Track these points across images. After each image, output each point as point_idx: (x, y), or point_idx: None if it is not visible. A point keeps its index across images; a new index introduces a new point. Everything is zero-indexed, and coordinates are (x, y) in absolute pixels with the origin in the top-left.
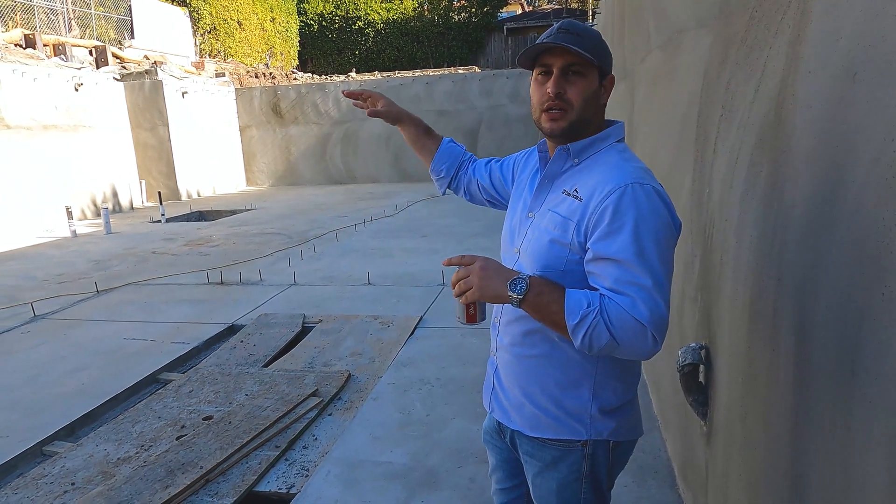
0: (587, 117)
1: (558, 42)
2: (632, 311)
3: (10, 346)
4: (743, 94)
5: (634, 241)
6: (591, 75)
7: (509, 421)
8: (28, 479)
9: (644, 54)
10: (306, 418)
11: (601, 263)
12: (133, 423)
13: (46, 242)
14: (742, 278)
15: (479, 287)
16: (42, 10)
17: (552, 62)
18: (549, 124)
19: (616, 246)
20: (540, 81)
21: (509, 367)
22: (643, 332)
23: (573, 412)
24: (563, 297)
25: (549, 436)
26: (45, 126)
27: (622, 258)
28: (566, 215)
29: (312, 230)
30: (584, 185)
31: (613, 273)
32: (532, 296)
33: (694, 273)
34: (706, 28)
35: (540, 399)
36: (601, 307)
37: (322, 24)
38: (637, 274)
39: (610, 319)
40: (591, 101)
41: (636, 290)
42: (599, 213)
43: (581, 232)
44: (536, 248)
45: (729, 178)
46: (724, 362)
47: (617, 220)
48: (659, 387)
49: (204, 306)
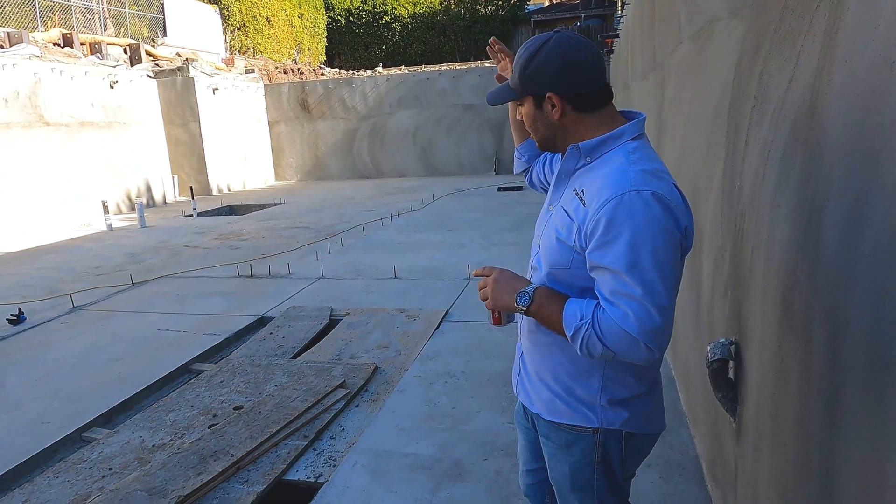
0: (546, 136)
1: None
2: (622, 323)
3: (50, 335)
4: (776, 84)
5: (629, 251)
6: (526, 103)
7: (531, 404)
8: (69, 464)
9: (675, 45)
10: (334, 409)
11: (598, 272)
12: (167, 412)
13: (84, 236)
14: (774, 273)
15: (493, 298)
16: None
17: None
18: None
19: (610, 256)
20: None
21: (529, 353)
22: (634, 343)
23: (584, 400)
24: (561, 309)
25: (563, 420)
26: (83, 123)
27: (616, 268)
28: (572, 216)
29: (340, 224)
30: (590, 186)
31: (609, 283)
32: (535, 308)
33: (724, 267)
34: (739, 17)
35: (552, 385)
36: (593, 320)
37: (349, 19)
38: (629, 285)
39: (602, 331)
40: (536, 122)
41: (627, 301)
42: (595, 222)
43: (581, 236)
44: (547, 244)
45: (761, 171)
46: (754, 358)
47: (612, 231)
48: (688, 382)
49: (234, 299)
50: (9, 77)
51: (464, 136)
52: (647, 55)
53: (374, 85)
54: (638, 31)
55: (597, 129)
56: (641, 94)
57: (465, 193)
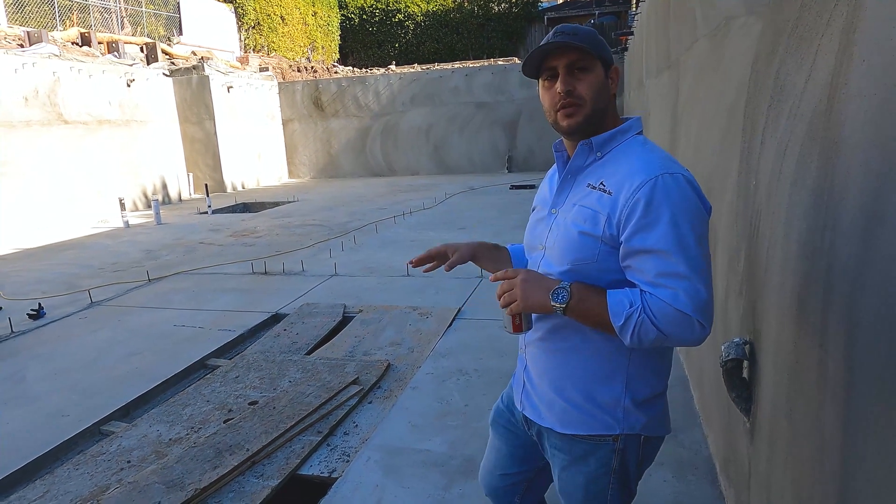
0: (601, 109)
1: (558, 41)
2: (674, 303)
3: (70, 330)
4: (793, 83)
5: (672, 230)
6: (595, 69)
7: (541, 418)
8: (88, 456)
9: (690, 43)
10: (347, 405)
11: (639, 257)
12: (183, 406)
13: (101, 232)
14: (790, 272)
15: (524, 299)
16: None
17: (556, 64)
18: (567, 121)
19: (654, 238)
20: (547, 86)
21: (538, 362)
22: (689, 321)
23: (605, 405)
24: (605, 301)
25: (581, 431)
26: (100, 121)
27: (661, 248)
28: (596, 208)
29: (353, 222)
30: (610, 178)
31: (653, 265)
32: (575, 303)
33: (739, 266)
34: (756, 15)
35: (571, 393)
36: (643, 304)
37: (362, 17)
38: (676, 264)
39: (654, 315)
40: (602, 92)
41: (676, 281)
42: (631, 206)
43: (613, 224)
44: (566, 241)
45: (777, 170)
46: (769, 358)
47: (652, 213)
48: (701, 382)
49: (249, 295)
50: (29, 75)
51: (476, 135)
52: (662, 53)
53: (387, 83)
54: (653, 28)
55: (614, 120)
56: (656, 92)
57: (478, 191)
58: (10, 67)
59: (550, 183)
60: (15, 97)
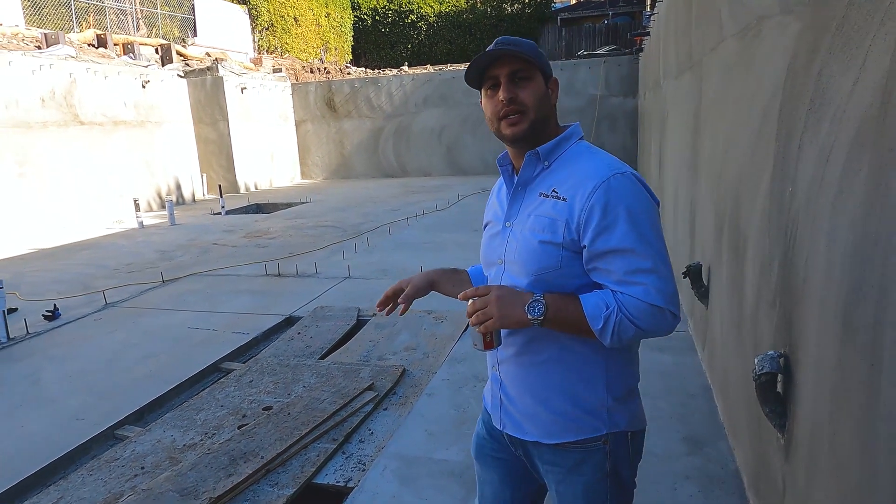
0: (543, 118)
1: (500, 49)
2: (646, 298)
3: (85, 331)
4: (837, 86)
5: (632, 228)
6: (536, 78)
7: (524, 433)
8: (101, 462)
9: (715, 43)
10: (362, 412)
11: (605, 258)
12: (197, 411)
13: (116, 233)
14: (835, 285)
15: (500, 316)
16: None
17: (498, 72)
18: (510, 130)
19: (616, 238)
20: (490, 95)
21: (517, 378)
22: (662, 314)
23: (591, 409)
24: (580, 307)
25: (570, 439)
26: (116, 122)
27: (625, 247)
28: (552, 216)
29: (366, 223)
30: (562, 184)
31: (619, 265)
32: (552, 314)
33: (772, 276)
34: (793, 14)
35: (556, 402)
36: (618, 304)
37: (375, 18)
38: (641, 260)
39: (630, 312)
40: (543, 101)
41: (644, 276)
42: (589, 209)
43: (572, 230)
44: (527, 252)
45: (819, 177)
46: (808, 374)
47: (610, 214)
48: (726, 392)
49: (262, 297)
50: (46, 77)
51: (489, 136)
52: (683, 53)
53: (399, 84)
54: (672, 28)
55: (556, 129)
56: (675, 93)
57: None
58: (28, 69)
59: (499, 197)
60: (32, 98)
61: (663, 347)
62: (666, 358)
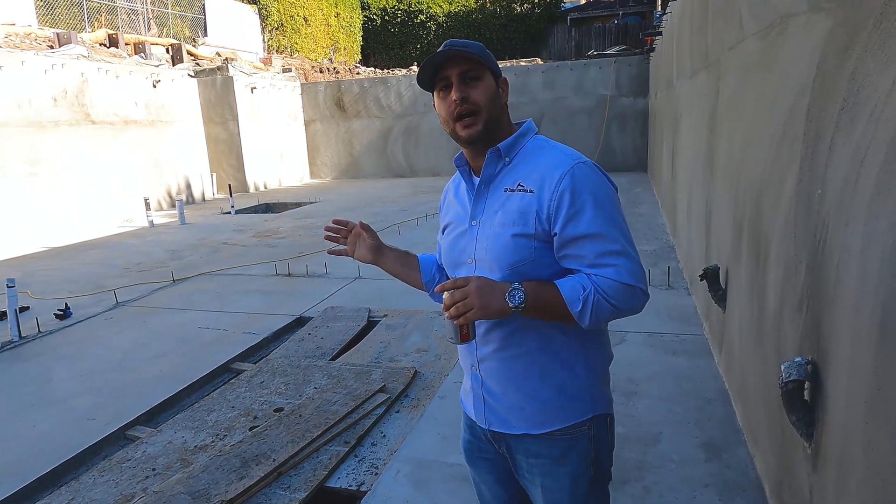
0: (495, 116)
1: (449, 51)
2: (619, 277)
3: (96, 331)
4: (874, 84)
5: (599, 213)
6: (486, 78)
7: (511, 427)
8: (113, 463)
9: (734, 42)
10: (374, 414)
11: (576, 244)
12: (208, 412)
13: (126, 232)
14: (871, 290)
15: (481, 306)
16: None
17: (449, 73)
18: (466, 131)
19: (585, 223)
20: (443, 96)
21: (500, 373)
22: (634, 291)
23: (576, 394)
24: (557, 291)
25: (557, 426)
26: (126, 121)
27: (594, 232)
28: (521, 209)
29: (375, 223)
30: (527, 178)
31: (590, 249)
32: (531, 301)
33: (798, 279)
34: (822, 12)
35: (541, 392)
36: (594, 286)
37: (385, 18)
38: (611, 242)
39: (605, 293)
40: (495, 100)
41: (615, 258)
42: (558, 198)
43: (542, 219)
44: (499, 247)
45: (852, 178)
46: (840, 382)
47: (577, 201)
48: (745, 397)
49: (273, 297)
50: (58, 76)
51: None
52: (698, 53)
53: (409, 84)
54: (686, 27)
55: (510, 127)
56: (689, 93)
57: None
58: (40, 68)
59: (458, 197)
60: (44, 98)
61: (677, 351)
62: (681, 361)
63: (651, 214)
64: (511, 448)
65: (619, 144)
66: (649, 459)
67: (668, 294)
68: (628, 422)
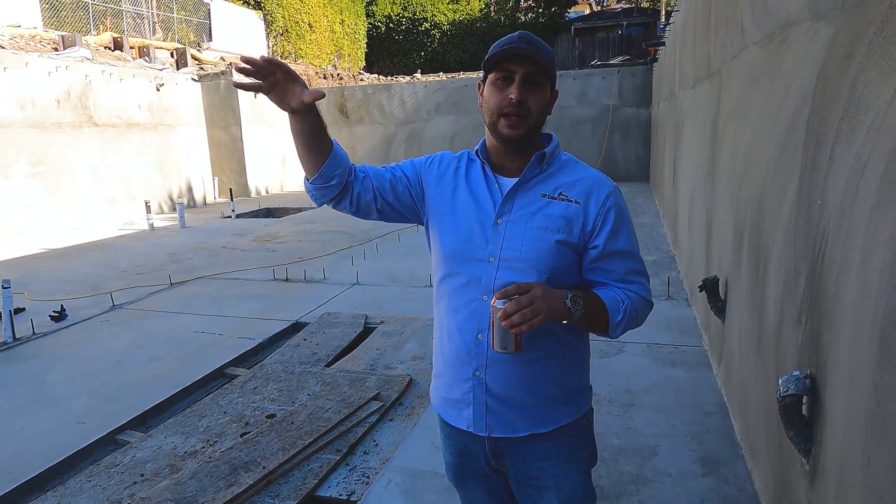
0: (539, 125)
1: (526, 48)
2: (643, 294)
3: (91, 333)
4: (875, 94)
5: (631, 234)
6: (546, 87)
7: (515, 430)
8: (101, 468)
9: (736, 51)
10: (367, 422)
11: (610, 258)
12: (200, 417)
13: (127, 234)
14: (871, 303)
15: (549, 312)
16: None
17: (515, 69)
18: (509, 131)
19: (622, 241)
20: (500, 86)
21: (512, 377)
22: (650, 308)
23: (577, 390)
24: (601, 301)
25: (565, 421)
26: (129, 124)
27: (628, 250)
28: (567, 217)
29: (375, 229)
30: (569, 188)
31: (623, 265)
32: (586, 308)
33: (798, 291)
34: (824, 20)
35: (551, 391)
36: (629, 300)
37: (389, 25)
38: (637, 262)
39: (635, 307)
40: (544, 111)
41: (639, 276)
42: (605, 213)
43: (586, 232)
44: (541, 251)
45: (852, 188)
46: (839, 397)
47: (619, 220)
48: (744, 411)
49: (270, 302)
50: (61, 78)
51: None
52: (700, 63)
53: (412, 91)
54: (689, 37)
55: (540, 136)
56: (692, 103)
57: None
58: (44, 70)
59: (470, 187)
60: (48, 99)
61: (676, 362)
62: (680, 373)
63: (653, 225)
64: (515, 457)
65: (622, 154)
66: (646, 473)
67: (667, 305)
68: (626, 434)
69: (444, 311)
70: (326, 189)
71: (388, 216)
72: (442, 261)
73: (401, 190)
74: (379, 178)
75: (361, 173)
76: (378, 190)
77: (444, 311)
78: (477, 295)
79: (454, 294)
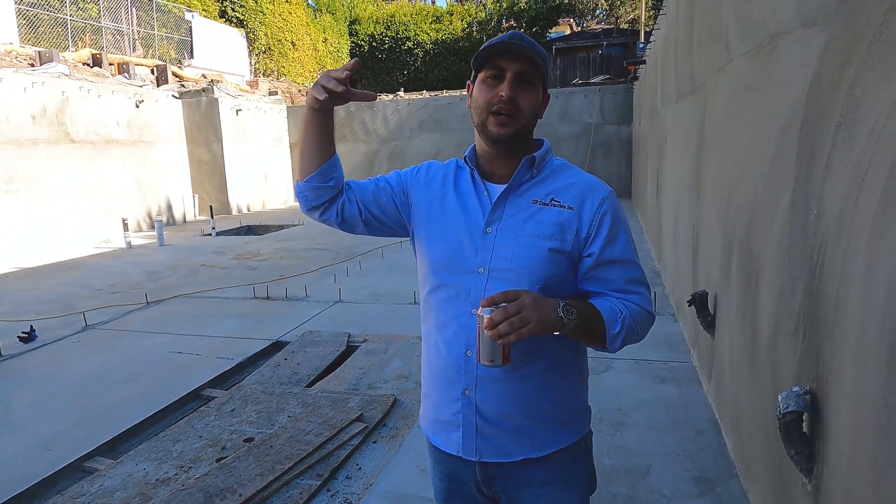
0: (530, 127)
1: (518, 45)
2: (644, 305)
3: (62, 354)
4: (875, 99)
5: (629, 241)
6: (538, 87)
7: (508, 455)
8: (66, 498)
9: (722, 64)
10: (350, 445)
11: (607, 267)
12: (174, 442)
13: (103, 253)
14: (877, 315)
15: (539, 321)
16: (109, 31)
17: (507, 66)
18: (498, 129)
19: (620, 249)
20: (490, 84)
21: (505, 395)
22: (651, 319)
23: (575, 410)
24: (598, 312)
25: (562, 444)
26: (108, 141)
27: (627, 258)
28: (560, 224)
29: (358, 246)
30: (561, 193)
31: (621, 274)
32: (580, 318)
33: (793, 304)
34: (816, 27)
35: (550, 411)
36: (627, 310)
37: (372, 44)
38: (636, 271)
39: (634, 319)
40: (536, 112)
41: (639, 286)
42: (599, 220)
43: (581, 239)
44: (533, 259)
45: (852, 197)
46: (844, 412)
47: (616, 226)
48: (738, 428)
49: (249, 321)
50: (38, 94)
51: None
52: (683, 78)
53: (395, 109)
54: (671, 53)
55: (531, 138)
56: (675, 118)
57: None
58: (20, 86)
59: (459, 195)
60: (23, 115)
61: (665, 378)
62: (670, 389)
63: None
64: (507, 483)
65: (604, 171)
66: (640, 494)
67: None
68: (617, 453)
69: (432, 327)
70: (322, 189)
71: (374, 228)
72: (429, 273)
73: (384, 200)
74: (362, 189)
75: (346, 186)
76: (361, 202)
77: (432, 327)
78: (466, 308)
79: (442, 308)
